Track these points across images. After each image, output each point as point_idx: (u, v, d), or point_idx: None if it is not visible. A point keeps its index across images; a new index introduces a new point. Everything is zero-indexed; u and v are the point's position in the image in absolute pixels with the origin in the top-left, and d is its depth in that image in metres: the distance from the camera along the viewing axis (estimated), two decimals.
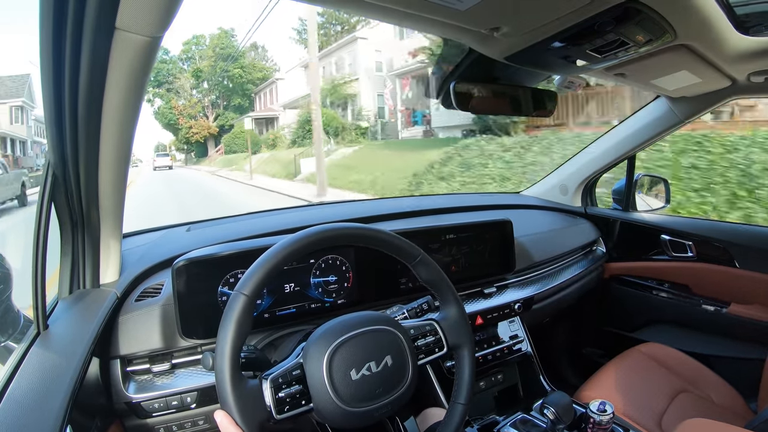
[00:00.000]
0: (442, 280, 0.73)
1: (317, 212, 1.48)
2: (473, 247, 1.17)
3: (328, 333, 0.63)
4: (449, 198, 1.95)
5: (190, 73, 29.65)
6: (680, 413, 1.10)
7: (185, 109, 29.86)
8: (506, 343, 1.21)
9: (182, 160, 35.32)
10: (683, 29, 0.71)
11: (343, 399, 0.59)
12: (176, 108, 29.64)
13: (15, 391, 0.56)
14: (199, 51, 29.55)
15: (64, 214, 0.76)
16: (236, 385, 0.55)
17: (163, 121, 30.53)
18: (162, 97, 30.18)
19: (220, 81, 28.74)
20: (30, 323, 0.72)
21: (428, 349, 0.71)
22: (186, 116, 29.84)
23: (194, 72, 29.40)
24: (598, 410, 0.84)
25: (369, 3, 0.56)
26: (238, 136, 24.99)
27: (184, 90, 29.93)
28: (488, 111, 1.01)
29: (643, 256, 1.59)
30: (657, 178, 1.69)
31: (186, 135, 29.95)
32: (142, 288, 0.89)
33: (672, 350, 1.35)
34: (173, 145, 36.76)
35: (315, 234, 0.63)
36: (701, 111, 1.31)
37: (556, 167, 1.82)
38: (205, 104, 30.53)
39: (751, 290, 1.35)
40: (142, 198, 10.36)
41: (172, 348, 0.85)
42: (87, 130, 0.63)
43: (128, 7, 0.48)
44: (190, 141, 30.44)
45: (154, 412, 0.80)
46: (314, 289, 0.94)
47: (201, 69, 29.10)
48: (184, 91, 29.97)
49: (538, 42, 0.72)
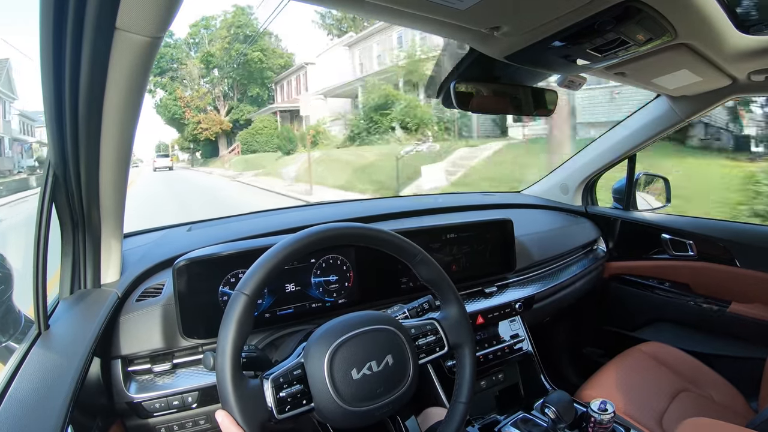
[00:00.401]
0: (443, 279, 0.73)
1: (318, 212, 1.48)
2: (474, 247, 1.17)
3: (328, 332, 0.63)
4: (450, 197, 1.95)
5: (199, 58, 24.50)
6: (681, 412, 1.10)
7: (192, 100, 24.61)
8: (507, 342, 1.21)
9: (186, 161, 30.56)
10: (683, 28, 0.71)
11: (344, 398, 0.59)
12: (182, 99, 24.48)
13: (16, 391, 0.57)
14: (210, 34, 24.53)
15: (64, 214, 0.76)
16: (237, 384, 0.55)
17: (167, 115, 25.42)
18: (165, 87, 24.82)
19: (235, 67, 23.93)
20: (31, 323, 0.72)
21: (429, 349, 0.71)
22: (193, 109, 24.60)
23: (204, 57, 24.22)
24: (599, 409, 0.84)
25: (369, 3, 0.56)
26: (259, 132, 20.65)
27: (192, 78, 24.86)
28: (489, 110, 1.01)
29: (643, 255, 1.59)
30: (657, 177, 1.69)
31: (193, 131, 24.79)
32: (143, 288, 0.89)
33: (673, 349, 1.35)
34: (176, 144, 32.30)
35: (315, 234, 0.63)
36: (702, 110, 1.31)
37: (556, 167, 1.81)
38: (216, 95, 25.28)
39: (752, 289, 1.35)
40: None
41: (173, 348, 0.85)
42: (87, 130, 0.63)
43: (128, 8, 0.48)
44: (198, 138, 25.33)
45: (155, 412, 0.80)
46: (315, 289, 0.94)
47: (212, 53, 23.88)
48: (192, 80, 24.88)
49: (538, 41, 0.71)
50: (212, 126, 24.45)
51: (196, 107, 24.71)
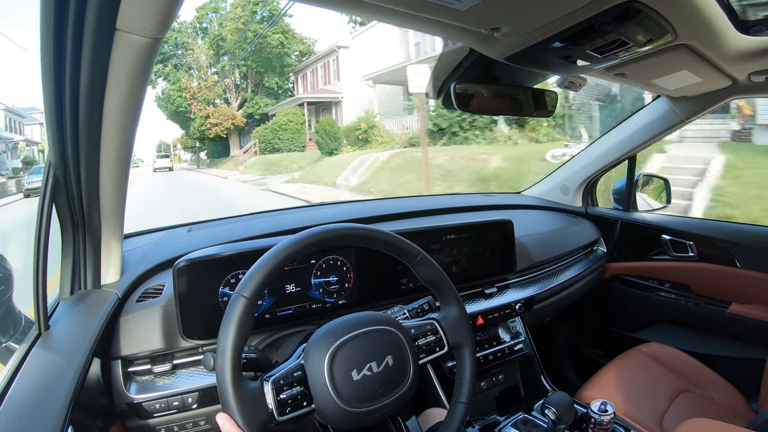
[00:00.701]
0: (443, 279, 0.73)
1: (318, 213, 1.48)
2: (474, 248, 1.17)
3: (329, 333, 0.63)
4: (450, 198, 1.95)
5: (208, 43, 21.30)
6: (681, 413, 1.10)
7: (200, 92, 21.27)
8: (507, 343, 1.21)
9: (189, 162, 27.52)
10: (684, 29, 0.71)
11: (344, 399, 0.59)
12: (188, 90, 21.17)
13: (16, 391, 0.57)
14: (220, 18, 21.35)
15: (65, 215, 0.76)
16: (237, 386, 0.55)
17: (170, 109, 21.97)
18: (167, 77, 21.50)
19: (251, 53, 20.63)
20: (31, 324, 0.72)
21: (429, 349, 0.71)
22: (201, 102, 21.22)
23: (213, 41, 20.98)
24: (599, 410, 0.84)
25: (369, 3, 0.56)
26: (283, 127, 17.39)
27: (199, 66, 21.50)
28: (489, 111, 1.01)
29: (644, 256, 1.59)
30: (658, 178, 1.69)
31: (201, 127, 21.24)
32: (143, 289, 0.89)
33: (673, 350, 1.35)
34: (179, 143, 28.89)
35: (315, 235, 0.63)
36: (702, 111, 1.31)
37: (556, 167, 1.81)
38: (227, 86, 21.86)
39: (752, 290, 1.35)
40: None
41: (173, 348, 0.85)
42: (88, 131, 0.63)
43: (129, 9, 0.48)
44: (206, 136, 21.78)
45: (155, 413, 0.80)
46: (315, 290, 0.94)
47: (223, 37, 20.73)
48: (199, 68, 21.51)
49: (538, 42, 0.71)
50: (223, 121, 21.04)
51: (204, 99, 21.30)
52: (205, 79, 21.51)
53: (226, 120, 21.06)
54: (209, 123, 21.05)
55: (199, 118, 21.26)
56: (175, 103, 21.45)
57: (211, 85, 21.44)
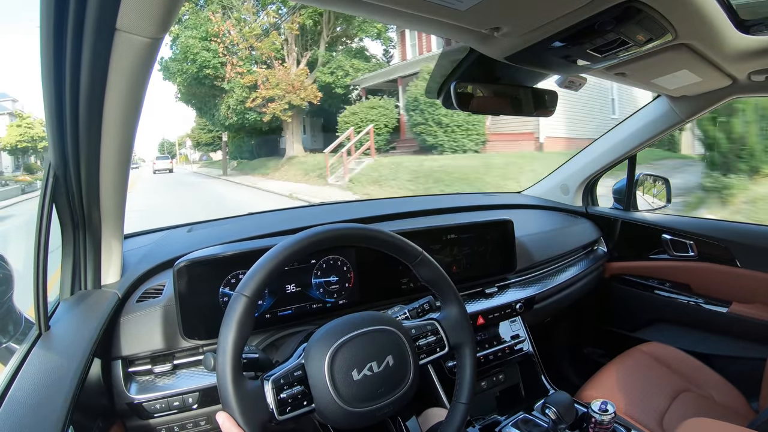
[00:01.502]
0: (443, 279, 0.73)
1: (318, 213, 1.48)
2: (474, 247, 1.17)
3: (329, 333, 0.63)
4: (450, 198, 1.95)
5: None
6: (682, 413, 1.10)
7: (242, 42, 12.24)
8: (507, 343, 1.21)
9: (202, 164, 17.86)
10: (684, 28, 0.71)
11: (344, 399, 0.59)
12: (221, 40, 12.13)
13: (17, 392, 0.57)
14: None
15: (65, 215, 0.76)
16: (238, 386, 0.55)
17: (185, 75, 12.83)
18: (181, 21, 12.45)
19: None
20: (31, 324, 0.72)
21: (429, 349, 0.71)
22: (245, 60, 12.56)
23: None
24: (599, 410, 0.84)
25: (369, 3, 0.56)
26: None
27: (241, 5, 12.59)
28: (489, 111, 1.01)
29: (644, 255, 1.59)
30: (658, 177, 1.69)
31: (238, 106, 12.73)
32: (143, 289, 0.89)
33: (673, 350, 1.35)
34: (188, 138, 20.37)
35: (316, 235, 0.63)
36: (702, 110, 1.31)
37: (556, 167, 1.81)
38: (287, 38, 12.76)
39: (753, 289, 1.35)
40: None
41: (173, 349, 0.85)
42: (88, 131, 0.63)
43: (129, 9, 0.48)
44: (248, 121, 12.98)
45: (155, 413, 0.80)
46: (315, 290, 0.94)
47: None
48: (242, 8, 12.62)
49: (538, 42, 0.71)
50: (286, 93, 11.96)
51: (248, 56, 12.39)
52: (249, 25, 12.29)
53: (289, 91, 11.91)
54: (260, 96, 12.03)
55: (237, 88, 12.45)
56: (198, 61, 12.21)
57: (260, 34, 12.09)
